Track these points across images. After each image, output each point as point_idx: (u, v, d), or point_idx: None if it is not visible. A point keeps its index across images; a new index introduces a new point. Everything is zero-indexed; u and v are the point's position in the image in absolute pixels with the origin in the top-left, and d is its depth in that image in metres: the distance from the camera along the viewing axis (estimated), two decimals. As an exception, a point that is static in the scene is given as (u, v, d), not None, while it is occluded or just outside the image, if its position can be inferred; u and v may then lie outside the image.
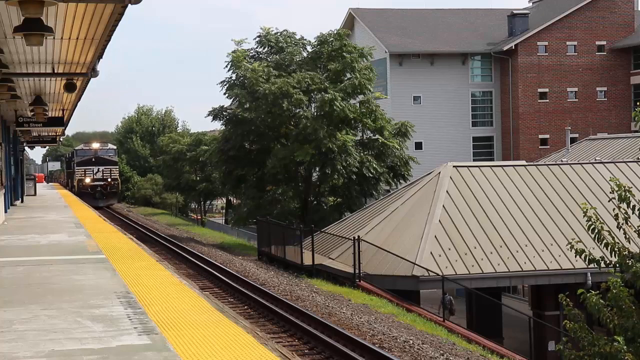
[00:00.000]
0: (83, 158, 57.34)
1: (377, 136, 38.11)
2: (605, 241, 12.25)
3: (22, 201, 37.61)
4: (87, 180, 56.05)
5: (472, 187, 27.52)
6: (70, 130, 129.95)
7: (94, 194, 55.40)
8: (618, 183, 12.64)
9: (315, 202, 39.85)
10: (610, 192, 12.76)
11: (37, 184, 49.47)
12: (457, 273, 23.84)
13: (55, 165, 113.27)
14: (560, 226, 25.99)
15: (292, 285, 22.72)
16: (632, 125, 55.42)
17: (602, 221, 12.55)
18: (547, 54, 60.17)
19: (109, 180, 56.76)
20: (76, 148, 60.72)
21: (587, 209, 12.48)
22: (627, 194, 12.54)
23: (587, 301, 12.05)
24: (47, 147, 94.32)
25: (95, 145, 58.22)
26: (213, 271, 23.31)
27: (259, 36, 41.29)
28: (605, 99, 61.37)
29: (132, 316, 8.66)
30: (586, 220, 12.49)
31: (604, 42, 61.08)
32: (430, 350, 15.25)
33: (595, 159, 32.00)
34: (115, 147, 62.13)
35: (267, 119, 37.79)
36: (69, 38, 14.05)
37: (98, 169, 56.52)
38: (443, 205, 26.37)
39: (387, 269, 24.54)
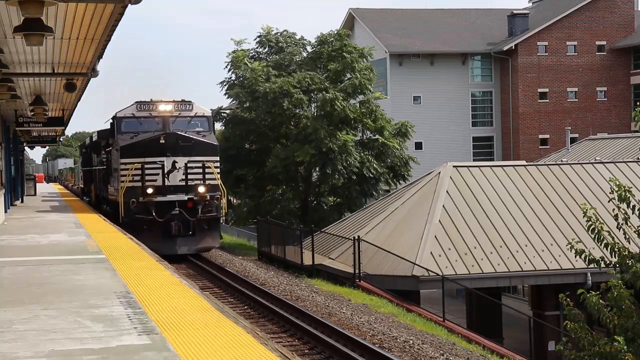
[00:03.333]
0: (136, 137, 25.92)
1: (377, 136, 38.14)
2: (605, 241, 12.27)
3: (22, 201, 37.62)
4: (150, 190, 24.97)
5: (472, 187, 27.53)
6: (70, 130, 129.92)
7: (168, 225, 24.80)
8: (618, 183, 12.65)
9: (315, 202, 39.86)
10: (610, 192, 12.78)
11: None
12: (457, 273, 23.84)
13: (67, 163, 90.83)
14: (560, 226, 25.99)
15: (292, 285, 22.72)
16: (632, 125, 55.39)
17: (602, 221, 12.56)
18: (547, 54, 60.17)
19: (202, 190, 25.30)
20: (120, 114, 26.88)
21: (587, 209, 12.49)
22: (627, 194, 12.55)
23: (587, 301, 12.06)
24: (47, 147, 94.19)
25: (166, 108, 26.23)
26: (213, 271, 23.30)
27: (259, 36, 41.35)
28: (605, 99, 61.37)
29: (132, 316, 8.65)
30: (586, 221, 12.50)
31: (604, 42, 61.08)
32: (430, 350, 15.25)
33: (595, 159, 32.00)
34: (208, 112, 28.06)
35: (267, 119, 37.80)
36: (69, 38, 14.07)
37: (174, 163, 25.19)
38: (443, 205, 26.38)
39: (387, 269, 24.54)
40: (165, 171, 25.11)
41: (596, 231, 12.30)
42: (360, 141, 38.67)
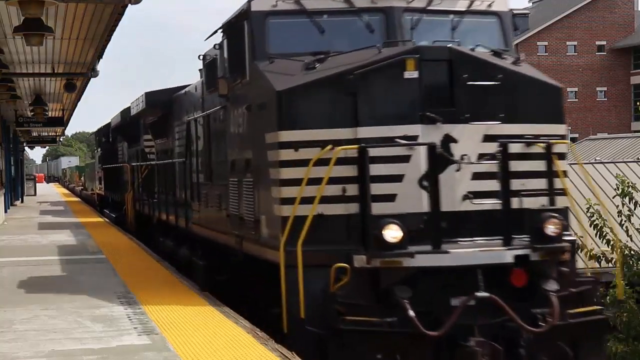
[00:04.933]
0: (323, 65, 8.01)
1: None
2: (607, 237, 12.25)
3: (22, 201, 37.60)
4: (394, 230, 7.21)
5: (473, 187, 27.46)
6: (70, 130, 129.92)
7: (464, 351, 6.85)
8: (623, 179, 12.69)
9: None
10: (616, 189, 12.80)
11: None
12: (458, 273, 23.78)
13: (71, 162, 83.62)
14: (561, 226, 25.93)
15: (293, 285, 22.62)
16: (632, 125, 55.45)
17: (604, 218, 12.55)
18: (547, 54, 60.18)
19: (554, 229, 7.56)
20: (258, 4, 8.55)
21: (591, 204, 12.50)
22: (630, 189, 12.58)
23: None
24: (47, 147, 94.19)
25: None
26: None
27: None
28: (605, 99, 61.38)
29: (132, 316, 8.63)
30: (589, 216, 12.49)
31: (604, 42, 61.10)
32: (430, 350, 15.19)
33: (595, 159, 31.96)
34: (504, 5, 9.82)
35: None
36: (69, 38, 14.06)
37: (449, 140, 7.63)
38: (443, 205, 26.31)
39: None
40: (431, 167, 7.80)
41: (599, 227, 12.29)
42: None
